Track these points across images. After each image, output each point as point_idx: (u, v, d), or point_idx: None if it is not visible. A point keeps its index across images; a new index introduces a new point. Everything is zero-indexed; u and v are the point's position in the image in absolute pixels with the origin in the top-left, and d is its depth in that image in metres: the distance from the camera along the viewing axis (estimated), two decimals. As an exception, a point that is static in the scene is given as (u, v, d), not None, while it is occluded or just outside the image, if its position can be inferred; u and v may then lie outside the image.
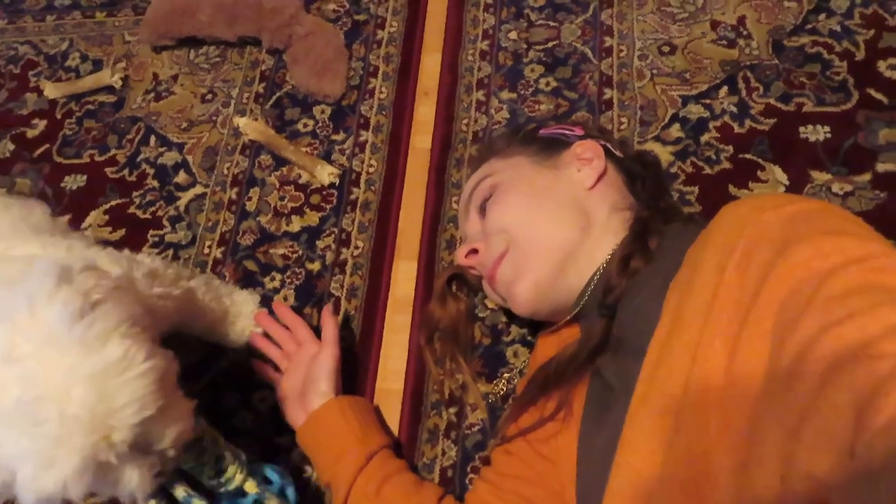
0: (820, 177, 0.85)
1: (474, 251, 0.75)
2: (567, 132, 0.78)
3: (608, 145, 0.76)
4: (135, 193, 1.03)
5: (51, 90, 1.13)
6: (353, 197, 0.97)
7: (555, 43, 1.03)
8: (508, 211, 0.71)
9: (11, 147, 1.11)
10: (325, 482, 0.72)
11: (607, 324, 0.66)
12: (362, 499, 0.69)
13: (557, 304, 0.70)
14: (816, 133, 0.88)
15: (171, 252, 0.97)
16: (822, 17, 0.96)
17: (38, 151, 1.10)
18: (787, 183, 0.85)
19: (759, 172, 0.86)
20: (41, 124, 1.12)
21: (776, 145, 0.88)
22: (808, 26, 0.96)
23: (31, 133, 1.12)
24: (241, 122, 1.03)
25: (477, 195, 0.75)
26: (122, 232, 1.00)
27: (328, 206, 0.96)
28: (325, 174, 0.97)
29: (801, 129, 0.88)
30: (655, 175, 0.80)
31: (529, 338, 0.83)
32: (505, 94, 1.00)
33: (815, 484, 0.37)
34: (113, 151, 1.07)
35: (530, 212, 0.70)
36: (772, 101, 0.91)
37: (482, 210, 0.75)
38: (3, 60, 1.21)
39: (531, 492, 0.67)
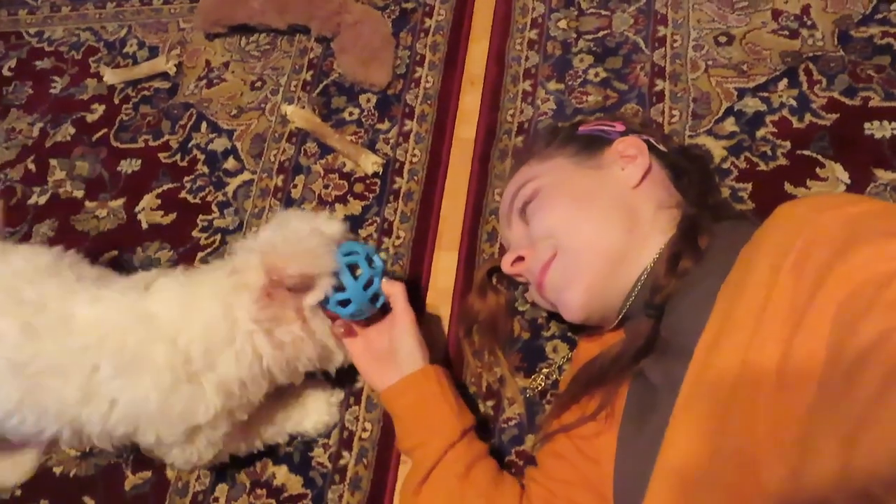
0: (885, 175, 0.80)
1: (520, 258, 0.73)
2: (607, 128, 0.75)
3: (651, 140, 0.74)
4: (186, 178, 1.05)
5: (110, 76, 1.17)
6: (395, 186, 0.97)
7: (606, 32, 1.01)
8: (554, 215, 0.69)
9: (72, 131, 1.15)
10: (406, 447, 0.72)
11: (654, 325, 0.64)
12: (451, 476, 0.67)
13: (608, 308, 0.68)
14: (883, 129, 0.83)
15: (218, 237, 0.99)
16: (894, 6, 0.90)
17: (97, 136, 1.14)
18: (849, 182, 0.81)
19: (818, 170, 0.82)
20: (100, 109, 1.16)
21: (838, 141, 0.83)
22: (879, 16, 0.90)
23: (90, 118, 1.16)
24: (289, 109, 1.04)
25: (519, 201, 0.73)
26: (173, 216, 1.03)
27: (371, 196, 0.97)
28: (369, 163, 0.97)
29: (867, 124, 0.84)
30: (702, 169, 0.77)
31: (569, 333, 0.82)
32: (552, 85, 0.99)
33: (871, 494, 0.36)
34: (166, 137, 1.10)
35: (576, 215, 0.68)
36: (835, 94, 0.87)
37: (525, 216, 0.73)
38: (66, 47, 1.26)
39: (582, 497, 0.65)
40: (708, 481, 0.47)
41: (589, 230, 0.67)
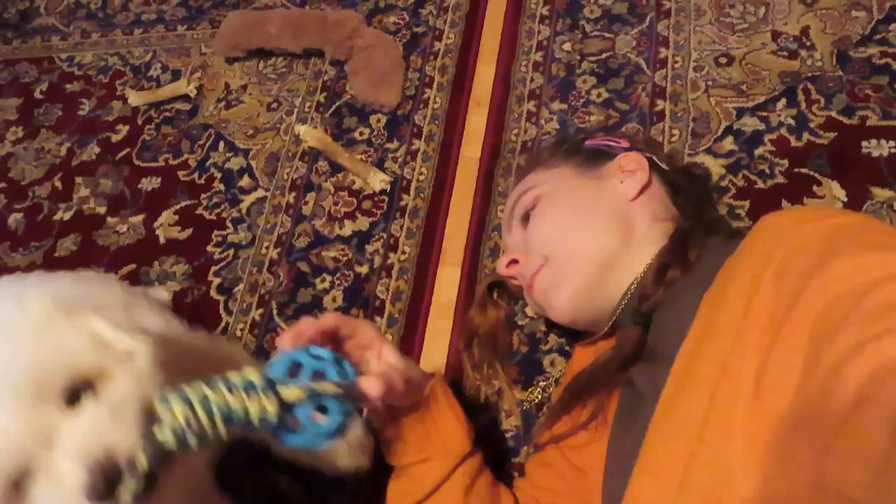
0: (881, 193, 0.81)
1: (515, 261, 0.76)
2: (612, 143, 0.78)
3: (654, 157, 0.76)
4: (203, 195, 1.10)
5: (134, 98, 1.23)
6: (402, 203, 1.00)
7: (609, 54, 1.03)
8: (550, 223, 0.72)
9: (97, 150, 1.21)
10: (406, 463, 0.66)
11: (642, 333, 0.65)
12: (458, 489, 0.66)
13: (596, 312, 0.70)
14: (880, 148, 0.84)
15: (231, 252, 1.03)
16: (892, 26, 0.92)
17: (121, 155, 1.19)
18: (846, 199, 0.81)
19: (814, 188, 0.83)
20: (124, 130, 1.22)
21: (835, 160, 0.84)
22: (878, 36, 0.92)
23: (115, 138, 1.21)
24: (302, 129, 1.08)
25: (520, 206, 0.76)
26: (189, 231, 1.07)
27: (379, 212, 1.00)
28: (377, 181, 1.00)
29: (864, 143, 0.84)
30: (701, 188, 0.79)
31: (567, 347, 0.83)
32: (556, 105, 1.01)
33: (846, 501, 0.37)
34: (185, 156, 1.15)
35: (571, 223, 0.71)
36: (833, 113, 0.88)
37: (525, 221, 0.76)
38: (95, 71, 1.32)
39: None
40: (684, 491, 0.48)
41: (581, 237, 0.70)
